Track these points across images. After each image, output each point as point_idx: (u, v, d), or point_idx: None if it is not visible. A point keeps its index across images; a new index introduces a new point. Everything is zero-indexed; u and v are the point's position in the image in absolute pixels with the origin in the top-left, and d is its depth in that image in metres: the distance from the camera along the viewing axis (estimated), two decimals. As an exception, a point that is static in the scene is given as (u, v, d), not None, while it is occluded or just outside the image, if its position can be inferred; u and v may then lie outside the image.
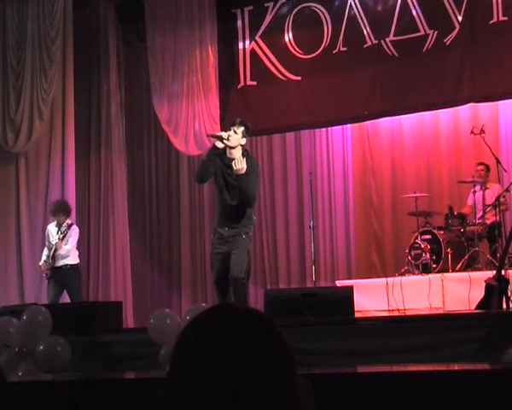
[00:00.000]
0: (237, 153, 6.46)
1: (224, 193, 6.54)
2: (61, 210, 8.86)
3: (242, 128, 6.48)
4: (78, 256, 9.01)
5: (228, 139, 6.41)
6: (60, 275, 8.64)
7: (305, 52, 10.22)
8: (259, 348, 1.17)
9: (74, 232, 8.82)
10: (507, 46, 9.09)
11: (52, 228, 8.85)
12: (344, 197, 10.76)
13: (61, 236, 8.62)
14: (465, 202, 9.59)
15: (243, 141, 6.50)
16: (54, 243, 8.64)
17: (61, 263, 8.67)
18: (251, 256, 6.70)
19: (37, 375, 5.52)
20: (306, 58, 10.20)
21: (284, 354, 1.20)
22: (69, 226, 8.78)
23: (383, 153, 10.63)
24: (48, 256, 8.69)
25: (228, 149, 6.47)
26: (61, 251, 8.63)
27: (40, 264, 8.84)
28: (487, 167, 9.26)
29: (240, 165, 6.31)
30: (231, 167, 6.39)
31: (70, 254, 8.73)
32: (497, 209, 8.70)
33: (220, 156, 6.54)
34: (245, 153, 6.53)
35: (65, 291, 8.85)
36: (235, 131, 6.45)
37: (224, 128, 6.56)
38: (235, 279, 6.43)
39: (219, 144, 6.45)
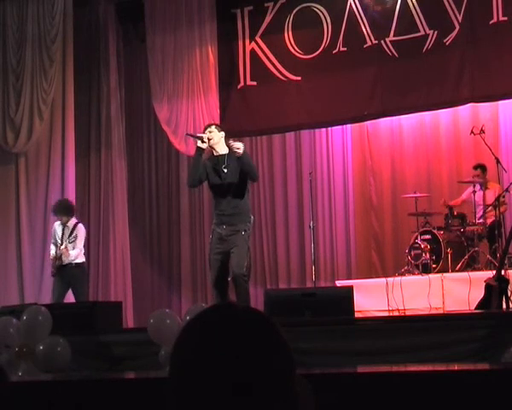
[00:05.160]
0: (223, 148, 6.69)
1: (219, 189, 6.65)
2: (61, 210, 8.72)
3: (213, 126, 6.84)
4: (84, 254, 8.86)
5: (209, 138, 6.64)
6: (65, 273, 8.55)
7: (305, 52, 10.21)
8: (259, 348, 1.17)
9: (80, 233, 8.65)
10: (507, 46, 9.08)
11: (58, 227, 8.71)
12: (344, 197, 10.75)
13: (67, 243, 8.52)
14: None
15: (222, 134, 6.76)
16: (59, 242, 8.56)
17: (66, 261, 8.60)
18: (251, 255, 6.72)
19: (37, 375, 5.52)
20: (306, 58, 10.19)
21: (284, 354, 1.20)
22: (75, 226, 8.67)
23: (383, 153, 10.63)
24: (54, 254, 8.62)
25: (213, 147, 6.69)
26: (69, 257, 8.56)
27: (51, 258, 8.75)
28: (484, 168, 9.25)
29: (238, 145, 6.48)
30: (222, 163, 6.58)
31: (78, 257, 8.66)
32: (497, 209, 8.70)
33: (209, 159, 6.74)
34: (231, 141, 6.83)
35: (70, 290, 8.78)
36: (210, 132, 6.69)
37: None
38: (237, 276, 6.45)
39: (202, 145, 6.66)
